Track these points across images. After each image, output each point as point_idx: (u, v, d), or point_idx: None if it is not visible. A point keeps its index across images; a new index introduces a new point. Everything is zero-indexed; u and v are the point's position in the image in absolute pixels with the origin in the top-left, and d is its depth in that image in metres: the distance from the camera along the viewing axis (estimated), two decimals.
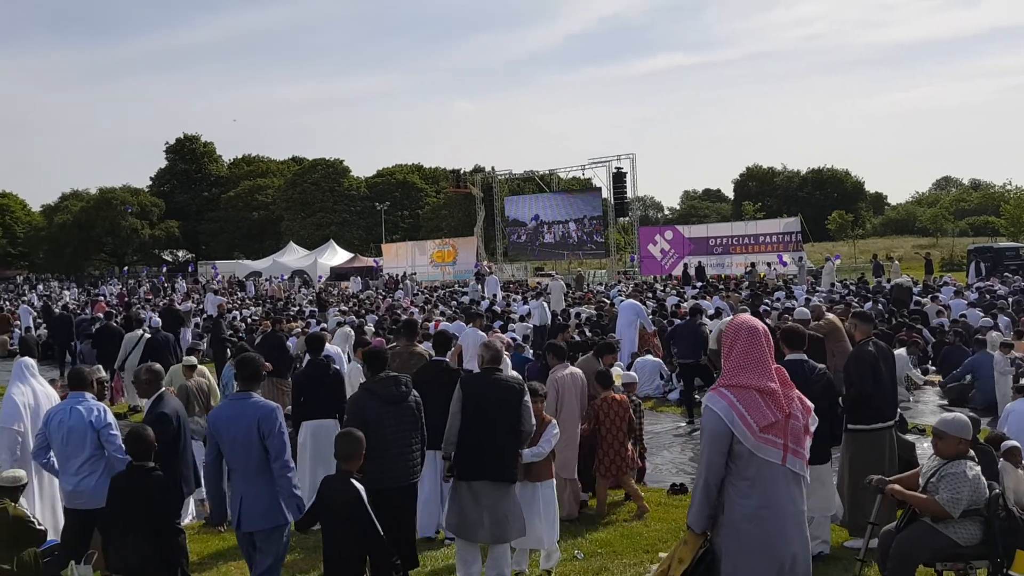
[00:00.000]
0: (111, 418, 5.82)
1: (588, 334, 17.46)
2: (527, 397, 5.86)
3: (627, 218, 45.20)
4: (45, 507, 6.83)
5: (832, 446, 6.37)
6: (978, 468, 4.88)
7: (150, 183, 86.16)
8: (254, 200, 79.17)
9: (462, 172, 50.23)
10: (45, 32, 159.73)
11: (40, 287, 53.29)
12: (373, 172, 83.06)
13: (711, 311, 19.23)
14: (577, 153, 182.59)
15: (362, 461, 5.01)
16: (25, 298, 38.79)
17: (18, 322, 26.03)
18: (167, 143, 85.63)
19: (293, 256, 57.05)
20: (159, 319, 17.09)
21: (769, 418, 3.74)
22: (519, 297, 27.67)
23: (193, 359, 10.18)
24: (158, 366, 6.26)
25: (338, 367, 8.78)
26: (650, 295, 27.15)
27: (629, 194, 41.86)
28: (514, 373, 7.72)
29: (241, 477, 5.08)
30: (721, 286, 28.88)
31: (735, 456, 3.76)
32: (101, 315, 19.88)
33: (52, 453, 5.91)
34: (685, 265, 36.28)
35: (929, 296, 21.17)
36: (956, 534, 4.85)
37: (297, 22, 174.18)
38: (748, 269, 33.69)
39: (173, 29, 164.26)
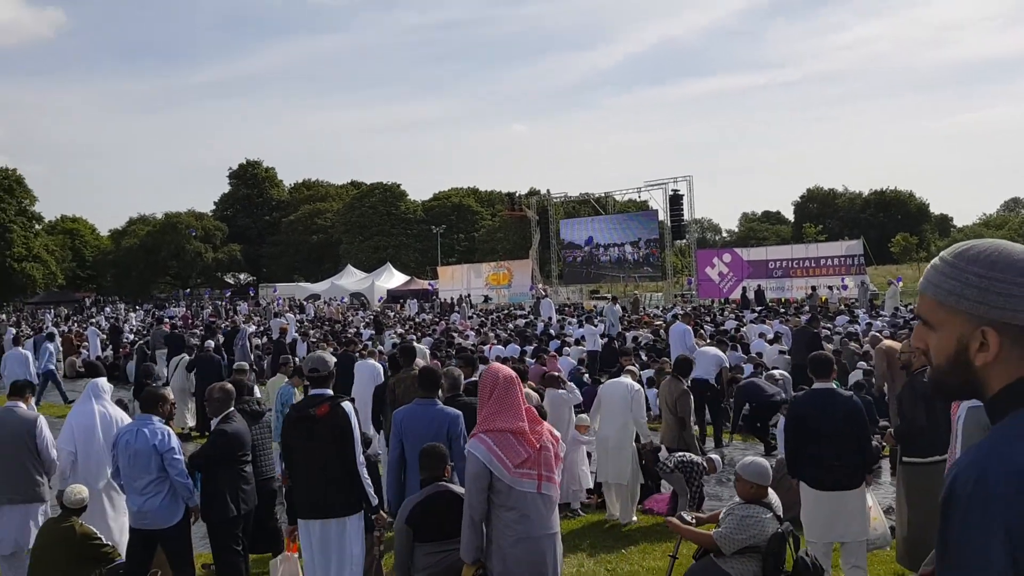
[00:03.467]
0: (175, 442, 5.91)
1: (644, 358, 17.30)
2: (461, 426, 5.88)
3: (684, 240, 44.83)
4: (117, 526, 6.99)
5: (865, 471, 6.25)
6: (769, 515, 5.03)
7: (214, 207, 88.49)
8: (313, 224, 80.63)
9: (517, 195, 50.44)
10: (115, 61, 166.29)
11: (108, 309, 54.84)
12: (429, 196, 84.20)
13: (770, 336, 18.90)
14: (633, 175, 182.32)
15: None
16: (93, 320, 39.88)
17: (86, 343, 26.76)
18: (230, 168, 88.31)
19: (351, 279, 57.78)
20: (211, 341, 17.59)
21: (522, 455, 4.28)
22: (574, 320, 27.56)
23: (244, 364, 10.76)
24: (230, 386, 6.36)
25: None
26: (708, 319, 26.79)
27: (686, 216, 41.53)
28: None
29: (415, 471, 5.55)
30: (781, 310, 28.38)
31: (497, 491, 4.28)
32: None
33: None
34: (744, 288, 35.77)
35: None
36: (733, 569, 4.98)
37: (357, 49, 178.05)
38: (809, 293, 33.06)
39: (238, 57, 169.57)
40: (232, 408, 6.15)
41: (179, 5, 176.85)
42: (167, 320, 28.32)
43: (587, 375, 15.93)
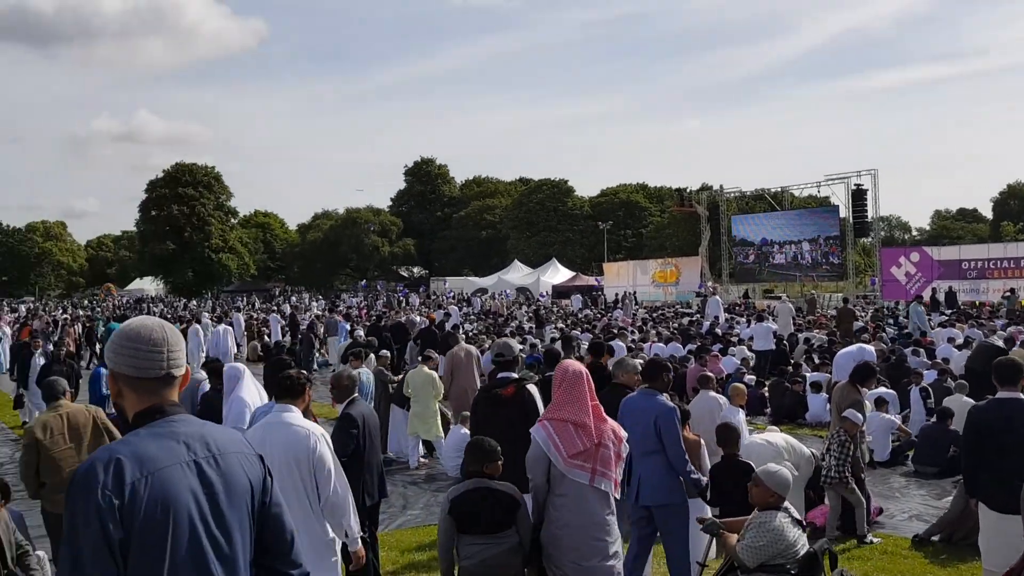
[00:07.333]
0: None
1: (816, 361, 16.24)
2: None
3: (868, 239, 42.22)
4: None
5: None
6: (787, 520, 4.81)
7: (390, 203, 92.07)
8: (483, 219, 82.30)
9: (687, 191, 49.13)
10: (307, 66, 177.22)
11: (293, 299, 58.18)
12: (597, 192, 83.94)
13: (960, 340, 17.30)
14: (812, 170, 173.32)
15: None
16: (276, 308, 42.30)
17: (267, 329, 28.40)
18: (406, 166, 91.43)
19: (517, 274, 58.38)
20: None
21: (578, 446, 4.54)
22: (743, 320, 26.45)
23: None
24: (354, 373, 6.35)
25: None
26: (891, 321, 25.02)
27: (870, 213, 39.05)
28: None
29: (639, 458, 5.74)
30: (974, 313, 26.04)
31: (552, 477, 4.58)
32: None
33: None
34: (933, 290, 33.12)
35: None
36: None
37: (530, 48, 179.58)
38: (1006, 295, 30.18)
39: (416, 59, 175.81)
40: (356, 395, 6.08)
41: (364, 12, 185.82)
42: (339, 310, 29.57)
43: (748, 375, 15.09)
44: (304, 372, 5.41)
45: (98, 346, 24.41)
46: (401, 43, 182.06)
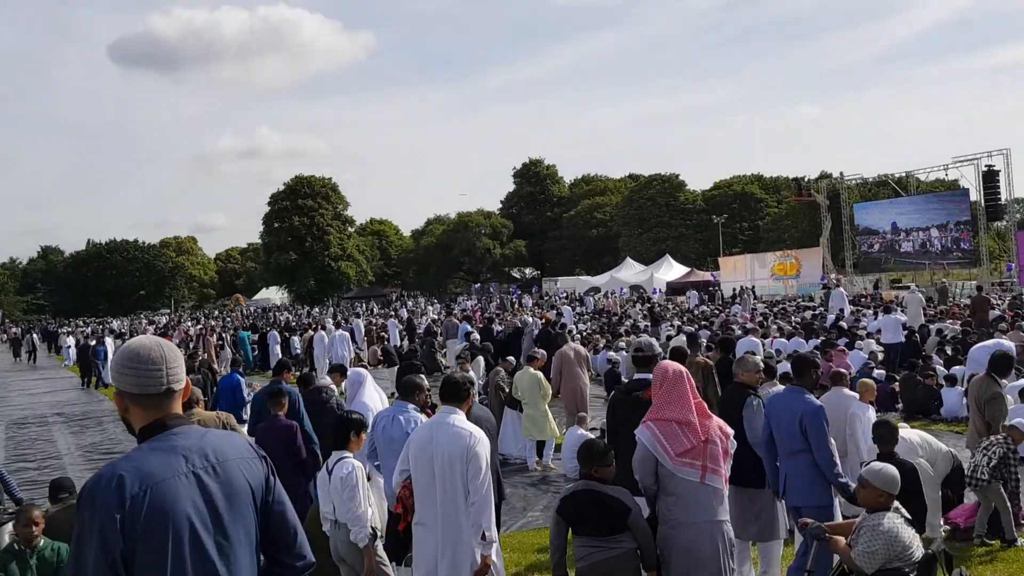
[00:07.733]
0: None
1: (949, 353, 15.44)
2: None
3: (1002, 222, 39.83)
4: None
5: None
6: (899, 520, 4.56)
7: (500, 206, 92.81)
8: (593, 218, 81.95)
9: (805, 180, 47.50)
10: (416, 75, 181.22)
11: (410, 303, 59.38)
12: (710, 184, 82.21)
13: None
14: (939, 153, 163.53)
15: None
16: (393, 313, 43.29)
17: (385, 334, 29.08)
18: (514, 168, 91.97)
19: (630, 272, 57.80)
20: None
21: (685, 445, 4.52)
22: (870, 312, 25.38)
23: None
24: (472, 375, 6.40)
25: None
26: None
27: (1003, 195, 36.95)
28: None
29: (785, 457, 5.79)
30: None
31: (661, 477, 4.58)
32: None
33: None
34: None
35: None
36: None
37: (637, 41, 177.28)
38: None
39: (522, 61, 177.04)
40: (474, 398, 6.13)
41: (468, 19, 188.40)
42: (455, 313, 29.99)
43: (877, 370, 14.47)
44: (468, 377, 5.55)
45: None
46: (507, 46, 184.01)
